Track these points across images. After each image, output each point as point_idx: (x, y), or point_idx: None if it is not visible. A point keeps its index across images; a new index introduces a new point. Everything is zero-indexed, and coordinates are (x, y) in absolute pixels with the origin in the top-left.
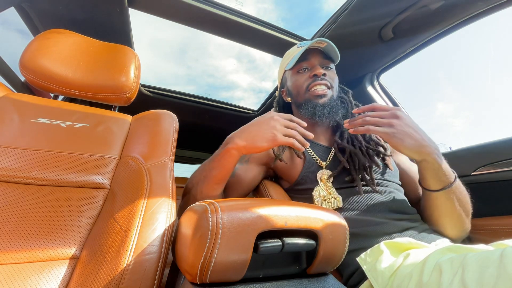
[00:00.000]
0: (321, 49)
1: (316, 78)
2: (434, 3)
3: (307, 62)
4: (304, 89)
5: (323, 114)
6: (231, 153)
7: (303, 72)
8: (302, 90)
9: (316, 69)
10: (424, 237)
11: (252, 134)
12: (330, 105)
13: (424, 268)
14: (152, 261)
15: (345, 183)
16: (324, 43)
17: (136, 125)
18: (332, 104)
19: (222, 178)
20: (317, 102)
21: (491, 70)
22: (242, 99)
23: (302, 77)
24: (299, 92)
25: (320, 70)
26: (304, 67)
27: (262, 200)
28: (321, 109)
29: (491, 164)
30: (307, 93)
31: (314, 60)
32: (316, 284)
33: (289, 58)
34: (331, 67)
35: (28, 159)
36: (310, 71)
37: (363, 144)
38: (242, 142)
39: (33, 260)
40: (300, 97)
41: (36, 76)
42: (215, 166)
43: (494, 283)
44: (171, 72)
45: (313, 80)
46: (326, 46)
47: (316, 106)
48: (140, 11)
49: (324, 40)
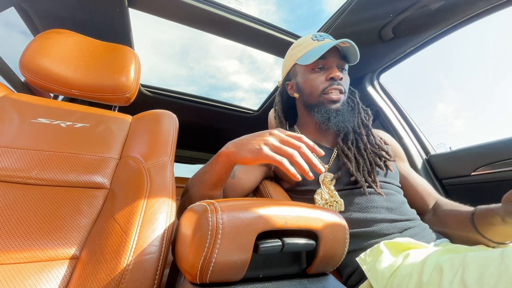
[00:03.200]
0: (339, 48)
1: (333, 82)
2: (434, 3)
3: (324, 61)
4: (319, 91)
5: (337, 122)
6: (222, 158)
7: (319, 72)
8: (317, 92)
9: (333, 71)
10: (424, 237)
11: (242, 143)
12: (343, 112)
13: (424, 268)
14: (152, 261)
15: (347, 185)
16: (346, 43)
17: (136, 125)
18: (344, 111)
19: (214, 182)
20: (330, 108)
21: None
22: (243, 99)
23: (318, 78)
24: (312, 93)
25: (337, 73)
26: (320, 66)
27: (262, 200)
28: (335, 116)
29: (491, 164)
30: (321, 96)
31: (331, 60)
32: (316, 284)
33: (302, 50)
34: (345, 69)
35: (28, 159)
36: (326, 72)
37: (368, 147)
38: (232, 149)
39: (33, 260)
40: (313, 98)
41: (36, 76)
42: (208, 170)
43: (495, 282)
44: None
45: (329, 84)
46: (347, 47)
47: (330, 112)
48: (140, 11)
49: (347, 41)
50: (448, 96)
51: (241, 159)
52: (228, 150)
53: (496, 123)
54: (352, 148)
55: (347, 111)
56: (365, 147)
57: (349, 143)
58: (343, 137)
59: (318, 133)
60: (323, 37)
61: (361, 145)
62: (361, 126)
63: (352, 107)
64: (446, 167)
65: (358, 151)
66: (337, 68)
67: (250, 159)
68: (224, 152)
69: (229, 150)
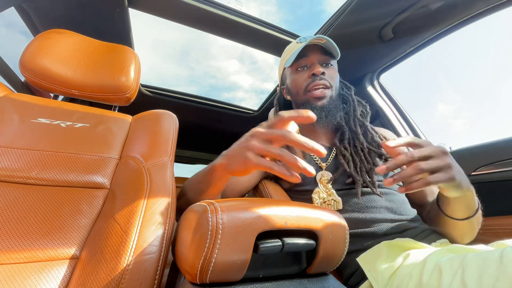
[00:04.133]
0: (321, 45)
1: (314, 77)
2: (434, 3)
3: (305, 59)
4: (303, 89)
5: (321, 118)
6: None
7: (302, 70)
8: (301, 90)
9: (314, 68)
10: (423, 238)
11: (231, 155)
12: (329, 108)
13: (424, 268)
14: (152, 261)
15: (345, 185)
16: (323, 40)
17: (136, 125)
18: (331, 106)
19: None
20: (315, 105)
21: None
22: (244, 100)
23: (301, 77)
24: (298, 92)
25: (319, 68)
26: (302, 64)
27: (262, 200)
28: (319, 113)
29: (491, 164)
30: (306, 94)
31: (313, 57)
32: (316, 284)
33: (288, 54)
34: (331, 63)
35: (28, 159)
36: (309, 69)
37: (365, 146)
38: (224, 162)
39: (33, 260)
40: (300, 97)
41: (36, 76)
42: (203, 181)
43: (494, 283)
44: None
45: (312, 80)
46: (325, 43)
47: (314, 109)
48: (140, 11)
49: (323, 37)
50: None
51: (233, 172)
52: (222, 163)
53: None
54: (348, 147)
55: (335, 106)
56: (362, 146)
57: (345, 142)
58: (339, 136)
59: (315, 132)
60: (305, 39)
61: (358, 145)
62: (357, 124)
63: (346, 103)
64: None
65: (355, 150)
66: (319, 64)
67: (241, 171)
68: (218, 166)
69: (222, 163)
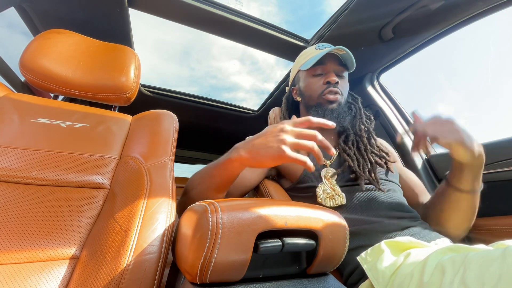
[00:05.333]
0: (338, 55)
1: (329, 85)
2: (434, 3)
3: (322, 67)
4: (317, 94)
5: (331, 118)
6: (234, 165)
7: (317, 77)
8: (316, 95)
9: (330, 76)
10: (424, 236)
11: (257, 148)
12: (339, 111)
13: (425, 267)
14: (152, 261)
15: (348, 181)
16: (342, 51)
17: (136, 125)
18: (340, 110)
19: (223, 186)
20: (326, 107)
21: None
22: (244, 100)
23: (316, 83)
24: (311, 96)
25: (334, 77)
26: (318, 72)
27: (262, 200)
28: (330, 114)
29: (491, 164)
30: (319, 98)
31: (329, 66)
32: (316, 284)
33: (305, 58)
34: (344, 75)
35: (28, 159)
36: (324, 77)
37: (368, 148)
38: (246, 155)
39: (33, 260)
40: (312, 100)
41: (36, 76)
42: (216, 175)
43: (496, 282)
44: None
45: (326, 87)
46: (344, 54)
47: (326, 111)
48: (140, 11)
49: (343, 48)
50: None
51: (257, 164)
52: (241, 156)
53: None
54: (352, 148)
55: (344, 111)
56: (365, 148)
57: (349, 144)
58: (344, 138)
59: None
60: (324, 46)
61: (362, 146)
62: (362, 130)
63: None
64: (446, 167)
65: (359, 151)
66: (334, 73)
67: (271, 163)
68: (237, 158)
69: (242, 156)
